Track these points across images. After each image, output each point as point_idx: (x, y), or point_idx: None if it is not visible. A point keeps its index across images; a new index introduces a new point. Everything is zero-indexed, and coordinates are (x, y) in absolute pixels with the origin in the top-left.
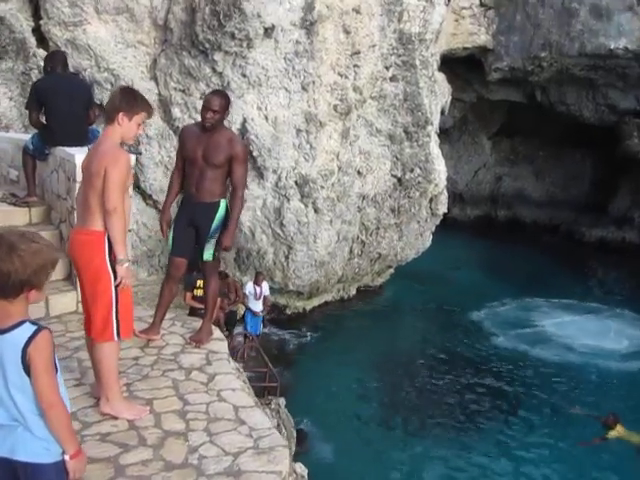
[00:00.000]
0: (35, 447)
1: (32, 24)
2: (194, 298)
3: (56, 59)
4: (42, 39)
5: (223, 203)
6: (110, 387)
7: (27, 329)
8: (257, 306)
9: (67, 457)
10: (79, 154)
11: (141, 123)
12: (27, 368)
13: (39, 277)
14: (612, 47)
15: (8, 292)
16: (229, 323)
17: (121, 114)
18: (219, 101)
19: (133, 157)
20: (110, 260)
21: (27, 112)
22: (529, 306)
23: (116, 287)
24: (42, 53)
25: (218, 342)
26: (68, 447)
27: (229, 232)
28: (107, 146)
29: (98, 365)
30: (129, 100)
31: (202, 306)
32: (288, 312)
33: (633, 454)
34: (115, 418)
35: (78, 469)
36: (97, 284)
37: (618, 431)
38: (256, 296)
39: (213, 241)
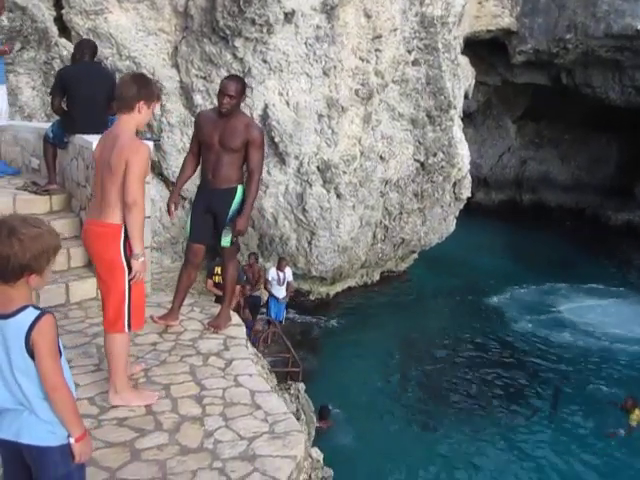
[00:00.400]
0: (40, 430)
1: (54, 13)
2: (215, 285)
3: (84, 48)
4: (64, 28)
5: (240, 189)
6: (119, 377)
7: (30, 313)
8: (280, 292)
9: (72, 440)
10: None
11: (154, 110)
12: (31, 352)
13: (39, 262)
14: (639, 27)
15: (8, 276)
16: (252, 308)
17: (142, 102)
18: (235, 86)
19: (151, 144)
20: (125, 253)
21: (49, 101)
22: (554, 291)
23: (129, 280)
24: (64, 42)
25: (236, 328)
26: (73, 430)
27: (244, 217)
28: (126, 137)
29: (109, 355)
30: (148, 88)
31: (221, 293)
32: (312, 298)
33: None
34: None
35: (84, 452)
36: (111, 276)
37: (638, 415)
38: (279, 282)
39: (230, 227)
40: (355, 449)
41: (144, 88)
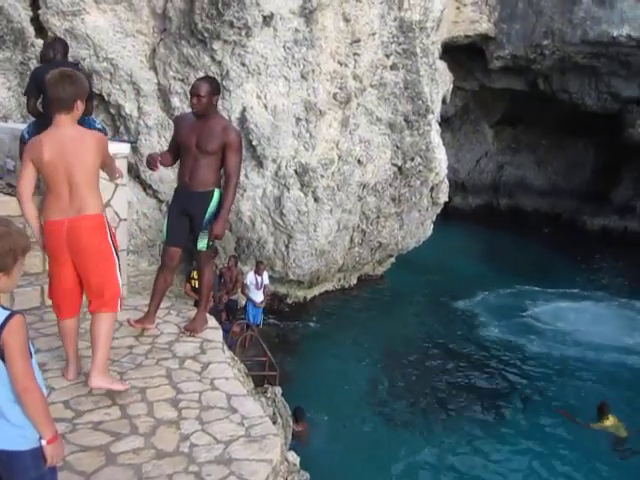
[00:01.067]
0: (10, 434)
1: (30, 13)
2: (193, 289)
3: (56, 46)
4: (40, 29)
5: (217, 192)
6: (105, 358)
7: (0, 314)
8: (258, 296)
9: (44, 442)
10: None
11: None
12: (1, 353)
13: (5, 261)
14: (615, 34)
15: None
16: (229, 312)
17: (79, 101)
18: (205, 86)
19: (128, 146)
20: (110, 238)
21: (25, 102)
22: (529, 295)
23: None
24: (40, 43)
25: (213, 331)
26: (45, 432)
27: (221, 220)
28: (79, 133)
29: (100, 337)
30: (84, 85)
31: (197, 297)
32: (289, 301)
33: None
34: (110, 404)
35: (56, 454)
36: (106, 264)
37: (610, 420)
38: (257, 286)
39: (207, 231)
40: (332, 452)
41: (81, 87)
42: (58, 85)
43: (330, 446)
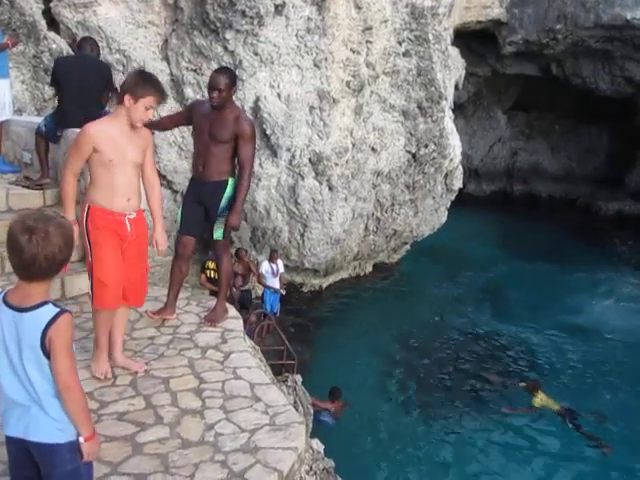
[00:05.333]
0: (49, 428)
1: (42, 6)
2: (208, 280)
3: (81, 42)
4: (53, 22)
5: (231, 181)
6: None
7: (49, 311)
8: (275, 284)
9: (82, 439)
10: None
11: (149, 107)
12: (46, 349)
13: (70, 251)
14: (628, 17)
15: (46, 274)
16: (243, 302)
17: (127, 95)
18: (224, 80)
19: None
20: None
21: (39, 94)
22: (545, 281)
23: None
24: (53, 36)
25: (233, 320)
26: (83, 429)
27: (235, 211)
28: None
29: (123, 324)
30: (136, 82)
31: (214, 288)
32: (305, 290)
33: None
34: (134, 394)
35: (93, 451)
36: (145, 256)
37: (541, 398)
38: (273, 274)
39: (222, 220)
40: (352, 440)
41: (132, 83)
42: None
43: (351, 433)
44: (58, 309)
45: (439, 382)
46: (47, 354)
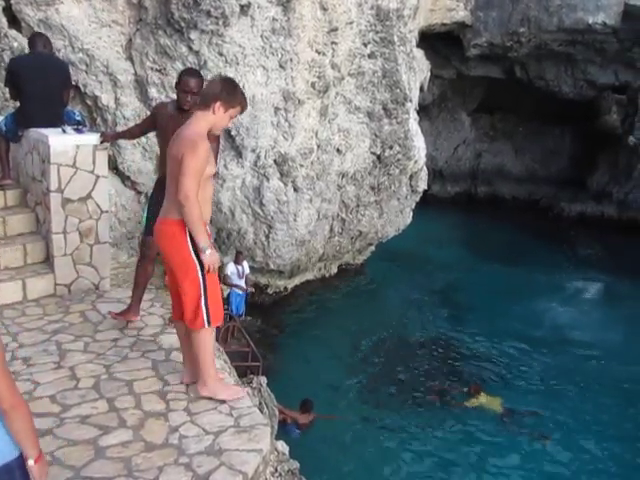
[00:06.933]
0: None
1: (3, 3)
2: None
3: (33, 39)
4: (14, 19)
5: None
6: (207, 370)
7: None
8: (242, 284)
9: (31, 462)
10: (53, 135)
11: (233, 117)
12: None
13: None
14: (590, 22)
15: None
16: None
17: (219, 103)
18: (197, 82)
19: (97, 135)
20: (194, 249)
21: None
22: (507, 281)
23: (204, 275)
24: (14, 34)
25: None
26: (32, 451)
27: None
28: (191, 131)
29: (195, 350)
30: (230, 91)
31: None
32: (270, 292)
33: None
34: (97, 397)
35: (44, 472)
36: (186, 274)
37: (479, 399)
38: (239, 275)
39: None
40: (316, 441)
41: (226, 91)
42: (210, 82)
43: (317, 435)
44: None
45: (405, 382)
46: None
